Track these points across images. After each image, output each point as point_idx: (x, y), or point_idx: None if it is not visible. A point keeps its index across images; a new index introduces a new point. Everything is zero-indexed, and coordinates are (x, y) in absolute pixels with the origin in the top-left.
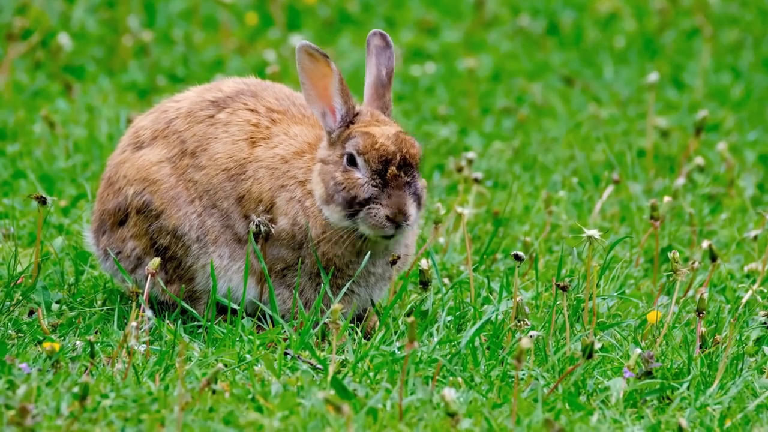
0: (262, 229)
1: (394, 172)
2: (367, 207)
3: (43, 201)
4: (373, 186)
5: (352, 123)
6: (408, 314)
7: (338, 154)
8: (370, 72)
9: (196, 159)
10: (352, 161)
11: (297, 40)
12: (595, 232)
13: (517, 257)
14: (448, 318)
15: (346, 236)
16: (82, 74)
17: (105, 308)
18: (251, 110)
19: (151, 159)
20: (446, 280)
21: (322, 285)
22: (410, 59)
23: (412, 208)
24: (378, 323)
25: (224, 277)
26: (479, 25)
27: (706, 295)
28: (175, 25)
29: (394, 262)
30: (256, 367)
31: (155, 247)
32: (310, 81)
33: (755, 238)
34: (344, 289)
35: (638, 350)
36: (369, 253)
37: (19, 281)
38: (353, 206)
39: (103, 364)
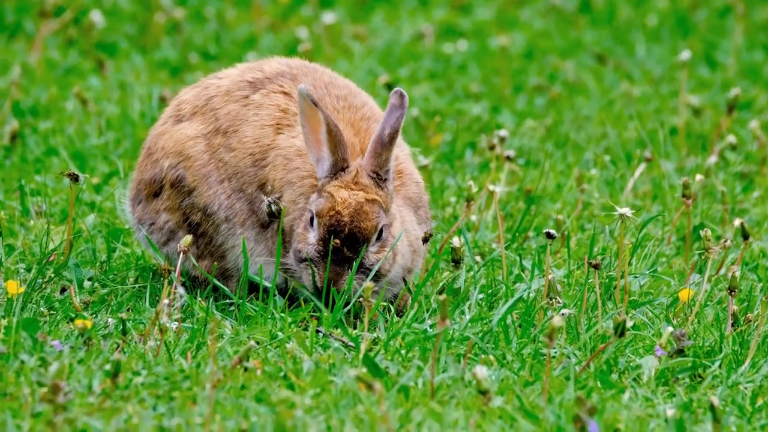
0: (274, 209)
1: (337, 244)
2: (304, 265)
3: (75, 178)
4: (315, 251)
5: (338, 176)
6: (440, 292)
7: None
8: (377, 128)
9: (228, 139)
10: (310, 218)
11: (329, 18)
12: (627, 210)
13: (549, 235)
14: (480, 296)
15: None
16: (114, 51)
17: (137, 285)
18: (285, 93)
19: (188, 133)
20: (478, 258)
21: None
22: (443, 37)
23: (341, 282)
24: (410, 301)
25: (251, 259)
26: (512, 3)
27: (738, 274)
28: (208, 3)
29: (426, 240)
30: (287, 345)
31: (188, 222)
32: (309, 126)
33: None
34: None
35: (670, 328)
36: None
37: (52, 258)
38: (297, 257)
39: (135, 342)
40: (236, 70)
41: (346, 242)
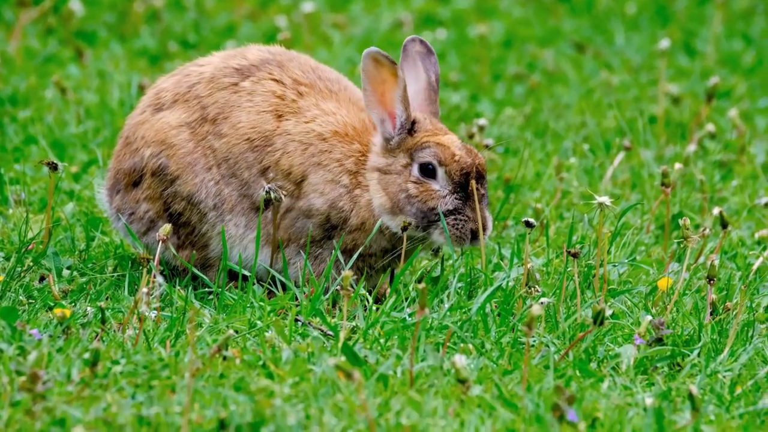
0: (273, 195)
1: (474, 185)
2: (452, 218)
3: (54, 167)
4: (456, 199)
5: (413, 131)
6: (419, 281)
7: (403, 163)
8: (418, 77)
9: (217, 126)
10: (426, 172)
11: (308, 6)
12: (606, 199)
13: (528, 224)
14: (459, 284)
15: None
16: (93, 40)
17: (116, 274)
18: (276, 81)
19: (171, 122)
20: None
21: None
22: (422, 25)
23: (491, 222)
24: (389, 289)
25: (239, 245)
26: None
27: (716, 262)
28: None
29: (405, 228)
30: (266, 334)
31: (169, 211)
32: (372, 86)
33: (766, 204)
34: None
35: (649, 317)
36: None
37: (30, 247)
38: (428, 217)
39: (114, 330)
40: (217, 58)
41: (479, 181)
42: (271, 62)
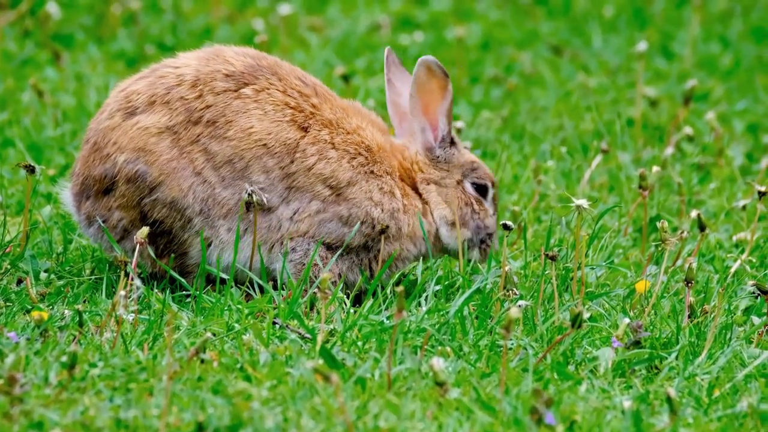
0: (255, 198)
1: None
2: (490, 240)
3: (31, 170)
4: (495, 222)
5: (453, 145)
6: (397, 283)
7: (456, 179)
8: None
9: (217, 129)
10: (480, 191)
11: (285, 9)
12: (583, 202)
13: (505, 227)
14: (437, 287)
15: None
16: (70, 43)
17: (93, 277)
18: (282, 92)
19: (149, 127)
20: None
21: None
22: (399, 28)
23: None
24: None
25: (229, 249)
26: None
27: (694, 265)
28: None
29: (383, 231)
30: (244, 337)
31: (146, 219)
32: (419, 94)
33: (744, 207)
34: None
35: (627, 320)
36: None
37: (8, 250)
38: (481, 235)
39: (92, 333)
40: (192, 60)
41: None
42: (264, 71)
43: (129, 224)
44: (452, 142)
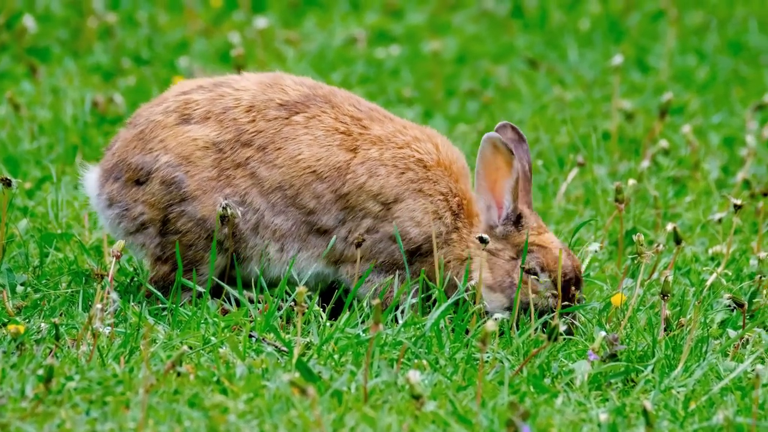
0: (229, 211)
1: (572, 291)
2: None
3: (7, 183)
4: (553, 298)
5: (518, 224)
6: (373, 297)
7: (510, 255)
8: (517, 168)
9: (267, 155)
10: (530, 273)
11: (261, 23)
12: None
13: (482, 240)
14: (413, 300)
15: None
16: (47, 56)
17: (70, 290)
18: (333, 118)
19: (197, 138)
20: None
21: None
22: (375, 41)
23: (577, 323)
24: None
25: (286, 263)
26: (444, 8)
27: (670, 278)
28: (140, 7)
29: (359, 244)
30: (221, 350)
31: (167, 224)
32: (485, 171)
33: (719, 220)
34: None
35: (603, 333)
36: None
37: None
38: (522, 307)
39: (68, 347)
40: (252, 84)
41: (577, 284)
42: (318, 99)
43: (149, 221)
44: (517, 222)
